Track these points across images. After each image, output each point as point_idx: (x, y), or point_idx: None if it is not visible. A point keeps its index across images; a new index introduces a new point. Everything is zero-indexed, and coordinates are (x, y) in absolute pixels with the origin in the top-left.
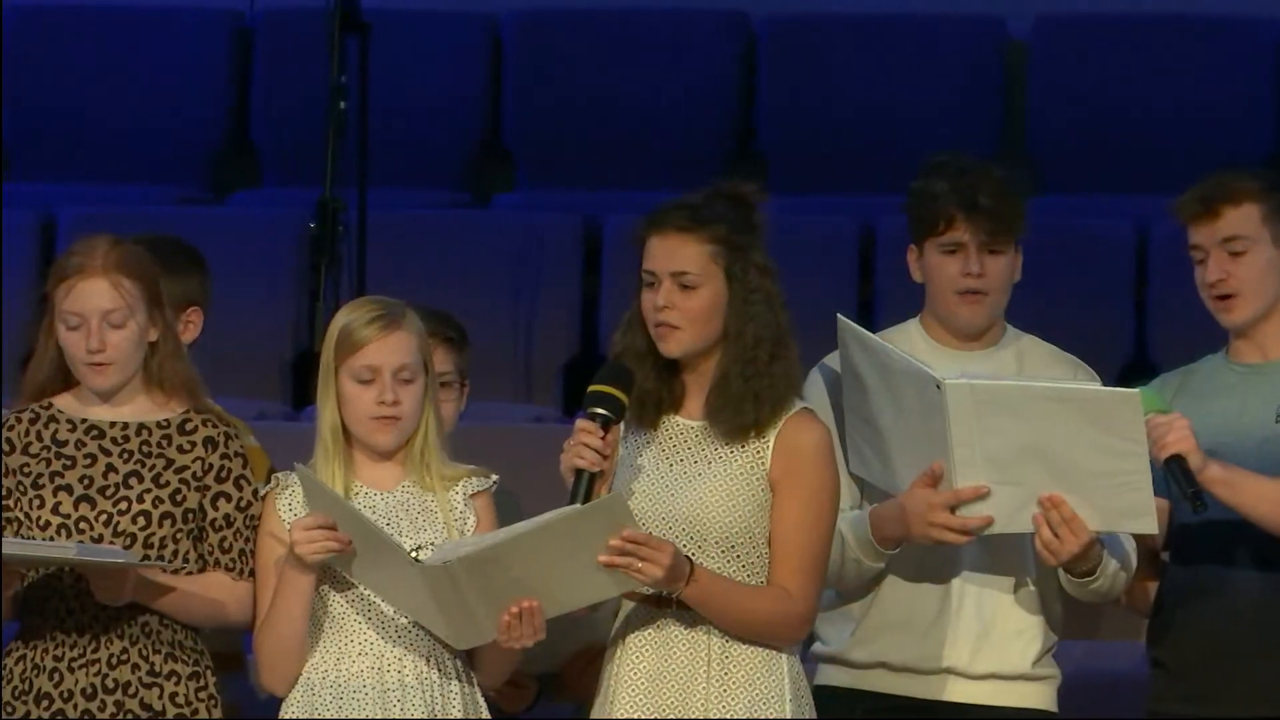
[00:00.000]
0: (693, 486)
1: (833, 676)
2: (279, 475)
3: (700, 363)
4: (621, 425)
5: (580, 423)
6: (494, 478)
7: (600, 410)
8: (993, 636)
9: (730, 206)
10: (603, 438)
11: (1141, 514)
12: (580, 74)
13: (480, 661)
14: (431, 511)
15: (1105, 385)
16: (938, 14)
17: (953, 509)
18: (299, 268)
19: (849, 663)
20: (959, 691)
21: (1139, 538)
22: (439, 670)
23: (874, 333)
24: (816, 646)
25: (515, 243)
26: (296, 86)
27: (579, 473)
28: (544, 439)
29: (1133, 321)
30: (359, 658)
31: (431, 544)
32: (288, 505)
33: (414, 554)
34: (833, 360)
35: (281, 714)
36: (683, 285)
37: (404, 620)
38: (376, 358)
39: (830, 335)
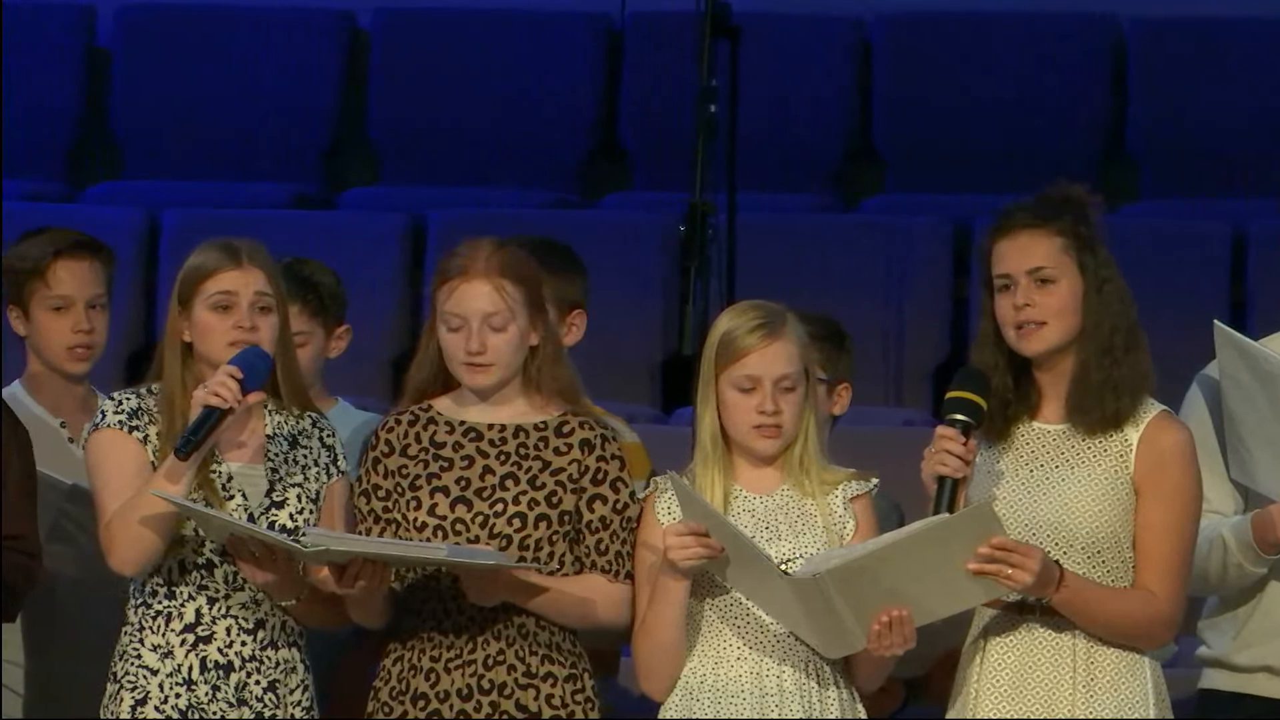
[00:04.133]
0: (1057, 491)
1: (1216, 680)
2: (658, 480)
3: (1057, 363)
4: (977, 433)
5: (941, 429)
6: (874, 481)
7: (960, 416)
8: None
9: (1067, 204)
10: (964, 443)
11: None
12: (949, 76)
13: (855, 668)
14: (811, 516)
15: None
16: None
17: None
18: (668, 271)
19: (1232, 666)
20: None
21: None
22: (817, 679)
23: (1251, 338)
24: (1201, 650)
25: (885, 246)
26: (666, 90)
27: (942, 480)
28: (915, 442)
29: None
30: (737, 663)
31: (805, 552)
32: (666, 509)
33: (783, 566)
34: (1213, 370)
35: (660, 715)
36: (1041, 280)
37: (780, 629)
38: (758, 367)
39: (1201, 337)
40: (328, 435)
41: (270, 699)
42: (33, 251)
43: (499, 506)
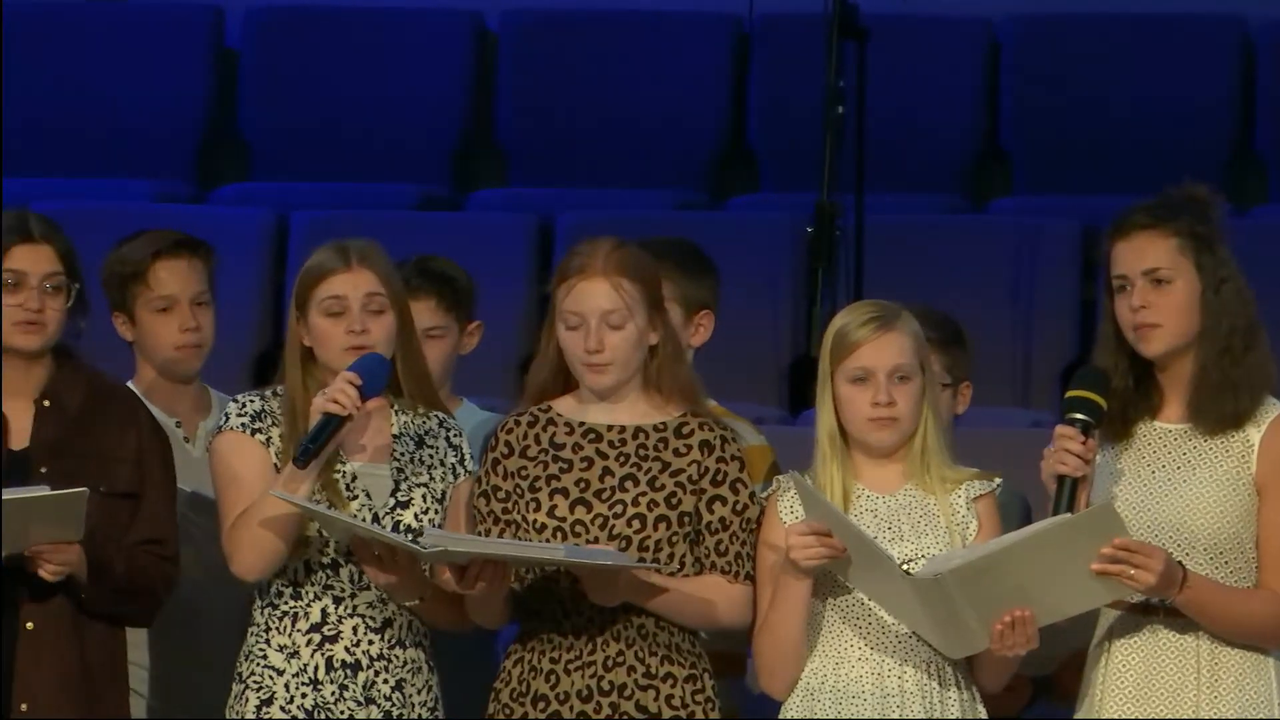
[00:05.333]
0: (1178, 493)
1: None
2: (780, 479)
3: (1176, 363)
4: (1097, 433)
5: (1060, 429)
6: (997, 480)
7: (1080, 415)
8: None
9: (1188, 204)
10: (1083, 442)
11: None
12: (1077, 77)
13: (979, 668)
14: (933, 515)
15: None
16: None
17: None
18: (796, 272)
19: None
20: None
21: None
22: (938, 680)
23: None
24: None
25: (1013, 247)
26: (794, 91)
27: (1061, 479)
28: (1042, 443)
29: None
30: (858, 663)
31: (928, 552)
32: (789, 509)
33: (905, 566)
34: None
35: (781, 715)
36: (1156, 280)
37: (901, 629)
38: (870, 359)
39: None
40: (454, 435)
41: (398, 698)
42: (132, 255)
43: (618, 508)
